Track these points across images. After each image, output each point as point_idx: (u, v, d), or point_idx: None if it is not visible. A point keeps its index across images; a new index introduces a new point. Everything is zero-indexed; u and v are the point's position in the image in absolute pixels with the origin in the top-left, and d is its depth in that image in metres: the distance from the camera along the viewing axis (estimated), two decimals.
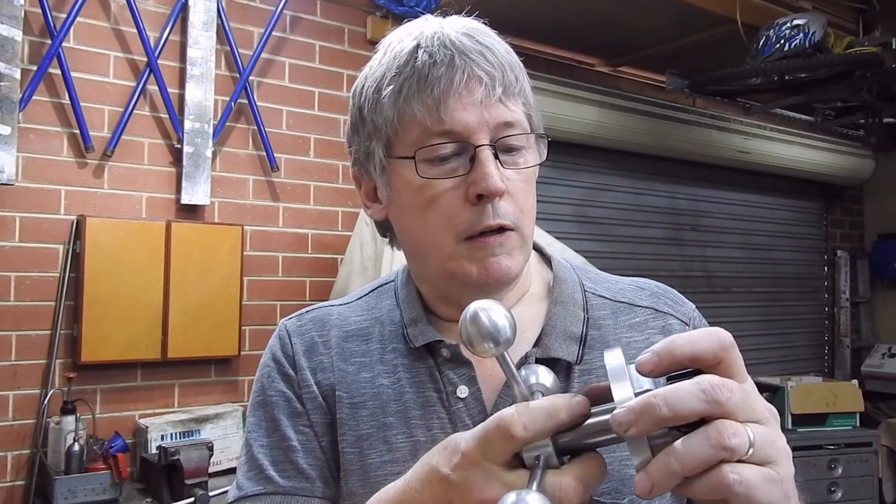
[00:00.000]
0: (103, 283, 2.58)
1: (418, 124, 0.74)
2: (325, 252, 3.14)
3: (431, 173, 0.74)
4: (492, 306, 0.56)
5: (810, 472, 3.67)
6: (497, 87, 0.74)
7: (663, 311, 0.84)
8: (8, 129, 2.33)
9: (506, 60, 0.76)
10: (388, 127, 0.76)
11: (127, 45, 2.74)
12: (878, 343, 5.27)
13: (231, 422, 2.73)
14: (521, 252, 0.77)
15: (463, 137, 0.73)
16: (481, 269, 0.74)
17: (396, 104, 0.75)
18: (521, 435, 0.54)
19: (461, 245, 0.75)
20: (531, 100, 0.79)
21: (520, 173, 0.76)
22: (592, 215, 4.14)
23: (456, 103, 0.73)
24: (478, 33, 0.76)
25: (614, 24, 3.49)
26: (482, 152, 0.73)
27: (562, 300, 0.82)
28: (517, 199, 0.76)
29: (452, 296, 0.80)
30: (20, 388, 2.50)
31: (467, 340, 0.56)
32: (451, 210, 0.74)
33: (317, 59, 3.15)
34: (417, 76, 0.74)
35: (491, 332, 0.55)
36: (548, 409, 0.54)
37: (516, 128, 0.76)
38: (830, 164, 4.99)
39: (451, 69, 0.73)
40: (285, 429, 0.80)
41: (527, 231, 0.77)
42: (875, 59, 3.39)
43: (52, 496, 2.30)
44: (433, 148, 0.74)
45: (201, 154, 2.80)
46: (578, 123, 3.74)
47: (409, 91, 0.74)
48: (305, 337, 0.84)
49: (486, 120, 0.73)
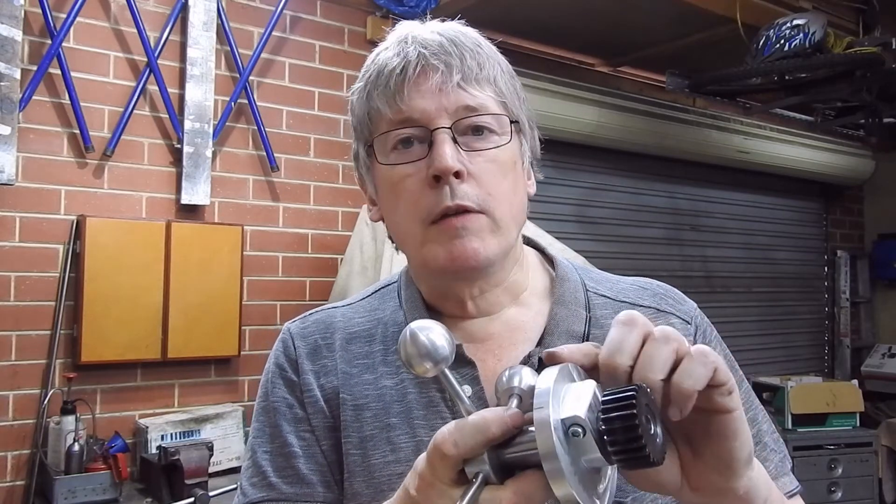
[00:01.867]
0: (103, 283, 2.58)
1: (383, 118, 0.77)
2: (325, 252, 3.14)
3: (394, 160, 0.77)
4: (430, 326, 0.57)
5: (810, 472, 3.67)
6: (454, 73, 0.75)
7: (665, 310, 0.84)
8: (8, 129, 2.33)
9: (468, 49, 0.76)
10: (362, 126, 0.80)
11: (127, 45, 2.74)
12: (878, 343, 5.27)
13: (231, 422, 2.73)
14: (495, 236, 0.76)
15: (421, 123, 0.75)
16: (447, 252, 0.75)
17: (364, 102, 0.79)
18: (453, 452, 0.53)
19: (429, 230, 0.75)
20: (507, 89, 0.79)
21: (486, 156, 0.76)
22: (592, 215, 4.14)
23: (412, 92, 0.75)
24: (448, 31, 0.78)
25: (614, 24, 3.49)
26: (438, 135, 0.74)
27: (564, 299, 0.82)
28: (483, 182, 0.75)
29: (440, 287, 0.81)
30: (20, 388, 2.50)
31: (406, 361, 0.57)
32: (415, 195, 0.75)
33: (317, 59, 3.15)
34: (377, 72, 0.77)
35: (429, 352, 0.56)
36: (476, 423, 0.53)
37: (480, 112, 0.76)
38: (830, 164, 4.99)
39: (405, 60, 0.75)
40: (287, 435, 0.80)
41: (499, 215, 0.76)
42: (875, 59, 3.39)
43: (52, 496, 2.30)
44: (389, 134, 0.76)
45: (201, 154, 2.80)
46: (578, 123, 3.74)
47: (371, 87, 0.78)
48: (309, 340, 0.85)
49: (445, 105, 0.75)
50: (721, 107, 4.35)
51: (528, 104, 0.83)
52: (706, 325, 0.86)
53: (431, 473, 0.55)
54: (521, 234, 0.83)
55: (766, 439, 0.84)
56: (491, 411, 0.54)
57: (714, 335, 0.86)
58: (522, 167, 0.81)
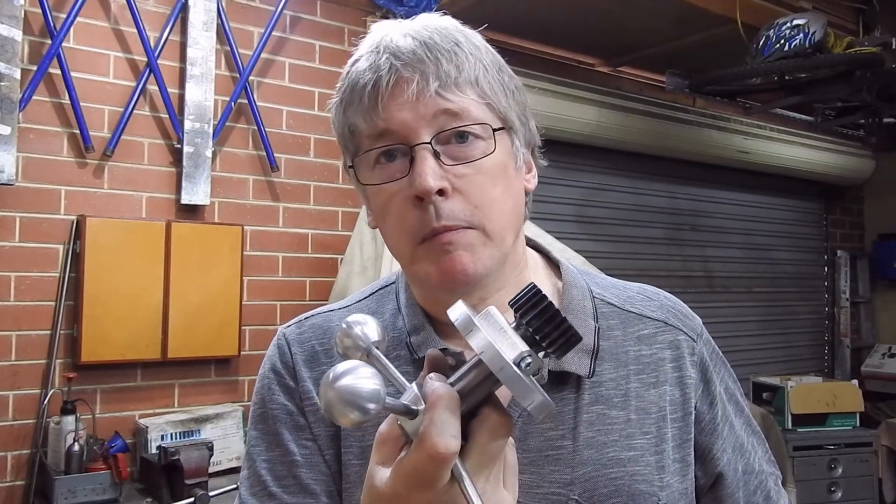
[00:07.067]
0: (103, 283, 2.58)
1: (362, 133, 0.73)
2: (325, 252, 3.14)
3: (376, 178, 0.73)
4: (356, 369, 0.51)
5: (810, 472, 3.67)
6: (431, 81, 0.70)
7: (673, 324, 0.82)
8: (8, 129, 2.33)
9: (444, 51, 0.71)
10: (345, 140, 0.76)
11: (127, 45, 2.74)
12: (878, 343, 5.28)
13: (231, 422, 2.73)
14: (487, 248, 0.72)
15: (402, 137, 0.71)
16: (438, 269, 0.72)
17: (342, 118, 0.75)
18: (456, 446, 0.52)
19: (418, 249, 0.72)
20: (491, 87, 0.74)
21: (472, 166, 0.72)
22: (592, 215, 4.14)
23: (389, 104, 0.71)
24: (422, 30, 0.73)
25: (614, 24, 3.49)
26: (418, 152, 0.70)
27: (572, 308, 0.79)
28: (470, 195, 0.71)
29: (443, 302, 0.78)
30: (20, 388, 2.50)
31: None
32: (401, 214, 0.72)
33: (317, 59, 3.15)
34: (351, 86, 0.73)
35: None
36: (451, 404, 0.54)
37: (461, 118, 0.71)
38: (830, 164, 5.00)
39: (378, 72, 0.71)
40: (288, 443, 0.78)
41: (492, 227, 0.72)
42: (875, 59, 3.40)
43: (52, 496, 2.30)
44: (370, 153, 0.73)
45: (201, 154, 2.80)
46: (578, 123, 3.74)
47: (346, 102, 0.74)
48: (306, 346, 0.82)
49: (423, 114, 0.70)
50: (721, 107, 4.35)
51: (520, 93, 0.78)
52: (712, 345, 0.85)
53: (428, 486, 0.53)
54: (521, 233, 0.80)
55: (764, 466, 0.84)
56: (440, 386, 0.55)
57: (718, 356, 0.85)
58: (516, 166, 0.77)
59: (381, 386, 0.50)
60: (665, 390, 0.78)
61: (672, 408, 0.78)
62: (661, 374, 0.79)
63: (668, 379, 0.79)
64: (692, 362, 0.81)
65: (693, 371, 0.80)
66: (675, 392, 0.79)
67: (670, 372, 0.79)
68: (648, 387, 0.78)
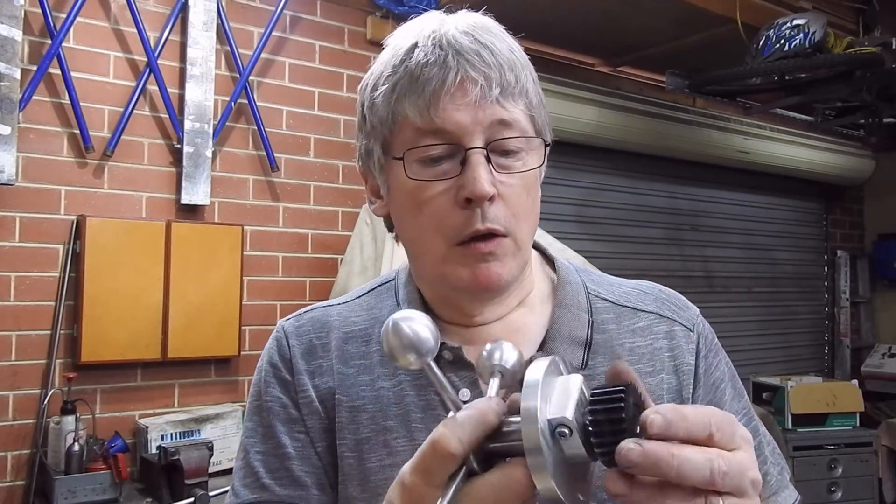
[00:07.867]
0: (103, 283, 2.58)
1: (410, 125, 0.73)
2: (325, 252, 3.14)
3: (423, 175, 0.73)
4: (413, 316, 0.55)
5: (810, 472, 3.67)
6: (493, 87, 0.71)
7: (667, 316, 0.83)
8: (8, 129, 2.33)
9: (505, 59, 0.73)
10: (383, 126, 0.76)
11: (127, 45, 2.74)
12: (878, 343, 5.28)
13: (231, 422, 2.73)
14: (515, 258, 0.75)
15: (455, 138, 0.72)
16: (472, 275, 0.73)
17: (390, 104, 0.74)
18: (459, 450, 0.51)
19: (453, 249, 0.73)
20: (535, 100, 0.77)
21: (516, 177, 0.74)
22: (592, 215, 4.14)
23: (448, 103, 0.71)
24: (478, 30, 0.74)
25: (614, 24, 3.49)
26: (472, 156, 0.71)
27: (566, 303, 0.81)
28: (510, 203, 0.73)
29: (450, 298, 0.79)
30: (20, 388, 2.50)
31: (389, 352, 0.56)
32: (442, 213, 0.73)
33: (317, 59, 3.15)
34: (409, 76, 0.73)
35: (413, 343, 0.55)
36: (477, 416, 0.52)
37: (513, 128, 0.73)
38: (830, 164, 5.00)
39: (444, 69, 0.71)
40: (280, 435, 0.79)
41: (521, 236, 0.75)
42: (875, 59, 3.40)
43: (52, 496, 2.30)
44: (424, 149, 0.73)
45: (201, 154, 2.80)
46: (578, 123, 3.75)
47: (402, 91, 0.73)
48: (304, 339, 0.83)
49: (480, 120, 0.71)
50: (721, 107, 4.35)
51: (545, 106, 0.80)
52: (708, 331, 0.85)
53: (427, 480, 0.52)
54: None
55: (766, 452, 0.83)
56: (484, 401, 0.53)
57: (715, 343, 0.85)
58: (540, 178, 0.79)
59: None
60: (662, 378, 0.79)
61: (670, 396, 0.79)
62: (658, 364, 0.80)
63: (665, 367, 0.80)
64: (689, 350, 0.81)
65: (690, 358, 0.81)
66: (671, 380, 0.79)
67: (667, 361, 0.80)
68: (645, 376, 0.78)
